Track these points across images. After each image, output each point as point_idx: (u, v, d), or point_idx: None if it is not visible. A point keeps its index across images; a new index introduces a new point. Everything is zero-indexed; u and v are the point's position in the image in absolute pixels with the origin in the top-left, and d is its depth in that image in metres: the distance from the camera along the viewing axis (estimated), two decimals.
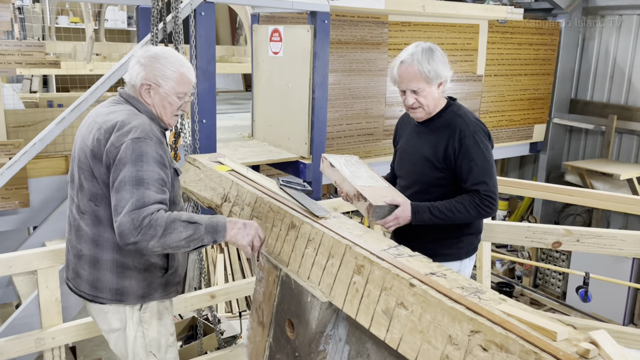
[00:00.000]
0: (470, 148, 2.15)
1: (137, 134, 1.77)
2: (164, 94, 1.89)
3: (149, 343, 2.02)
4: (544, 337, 1.15)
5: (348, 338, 1.68)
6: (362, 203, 2.11)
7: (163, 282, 2.01)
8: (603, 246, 2.25)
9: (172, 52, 1.94)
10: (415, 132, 2.34)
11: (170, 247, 1.75)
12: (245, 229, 1.83)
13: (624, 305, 5.54)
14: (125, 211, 1.70)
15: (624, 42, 6.09)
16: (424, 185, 2.26)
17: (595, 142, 6.45)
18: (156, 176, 1.76)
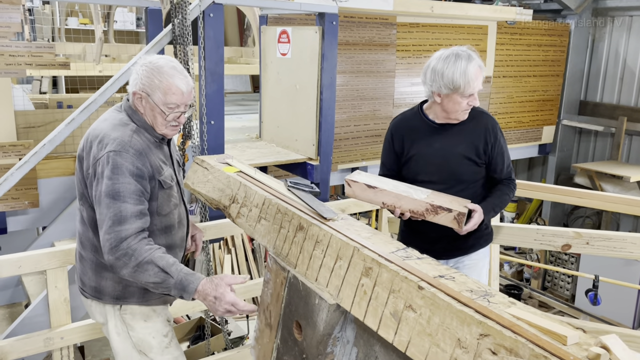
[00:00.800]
0: (501, 141, 2.33)
1: (114, 147, 1.80)
2: (153, 104, 1.90)
3: (137, 343, 2.02)
4: (554, 341, 1.14)
5: (356, 340, 1.67)
6: (442, 215, 2.07)
7: (141, 287, 1.98)
8: (613, 249, 2.23)
9: (169, 63, 1.92)
10: (437, 134, 2.34)
11: (141, 284, 1.81)
12: (215, 303, 1.76)
13: (634, 308, 5.49)
14: (105, 228, 1.76)
15: (634, 43, 6.04)
16: (463, 184, 2.31)
17: (605, 144, 6.41)
18: (132, 188, 1.79)
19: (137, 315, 2.01)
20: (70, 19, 7.09)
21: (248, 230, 2.16)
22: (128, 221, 1.77)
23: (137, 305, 2.00)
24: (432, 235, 2.37)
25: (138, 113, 1.93)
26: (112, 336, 2.03)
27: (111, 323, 2.02)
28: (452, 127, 2.32)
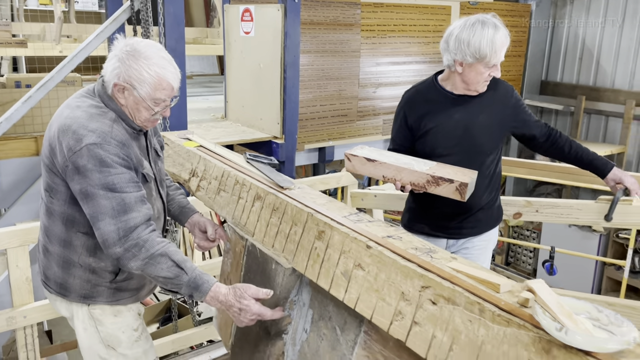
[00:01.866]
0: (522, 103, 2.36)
1: (93, 139, 1.64)
2: (139, 98, 1.71)
3: (105, 338, 1.92)
4: (489, 289, 1.21)
5: (311, 302, 1.73)
6: (444, 186, 2.00)
7: (112, 287, 1.88)
8: (560, 215, 2.34)
9: (157, 51, 1.72)
10: (457, 106, 2.26)
11: (149, 277, 1.69)
12: (240, 315, 1.67)
13: (592, 279, 5.73)
14: (108, 219, 1.64)
15: (592, 24, 6.21)
16: (484, 155, 2.28)
17: (565, 122, 6.60)
18: (127, 177, 1.67)
19: (107, 311, 1.91)
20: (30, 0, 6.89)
21: (207, 203, 2.19)
22: (134, 209, 1.66)
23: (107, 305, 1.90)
24: (446, 211, 2.33)
25: (114, 102, 1.75)
26: (78, 331, 1.93)
27: (78, 319, 1.91)
28: (471, 97, 2.25)
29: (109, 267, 1.85)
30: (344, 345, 1.58)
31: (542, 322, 1.02)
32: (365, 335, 1.51)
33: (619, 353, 0.99)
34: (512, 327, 1.09)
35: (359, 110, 5.20)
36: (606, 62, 6.15)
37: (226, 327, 2.17)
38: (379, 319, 1.37)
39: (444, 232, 2.40)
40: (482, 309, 1.15)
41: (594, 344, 0.97)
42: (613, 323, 1.04)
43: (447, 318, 1.21)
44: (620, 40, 5.99)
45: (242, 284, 1.69)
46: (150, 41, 1.77)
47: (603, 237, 5.70)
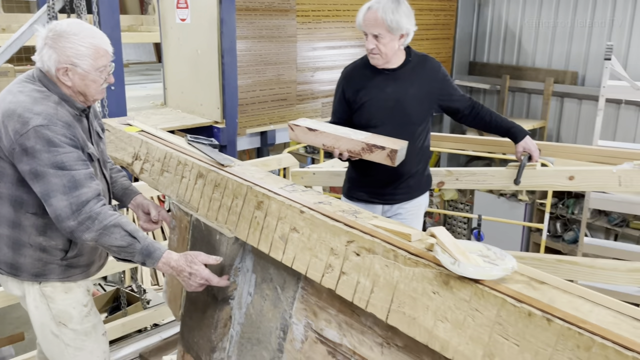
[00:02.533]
0: (448, 78, 2.59)
1: (40, 121, 1.71)
2: (84, 73, 1.79)
3: (57, 315, 1.99)
4: (402, 239, 1.42)
5: (254, 268, 1.90)
6: (377, 153, 2.19)
7: (63, 264, 1.95)
8: (477, 182, 2.61)
9: (78, 24, 1.80)
10: (390, 80, 2.46)
11: (103, 247, 1.78)
12: (190, 279, 1.77)
13: (520, 243, 6.20)
14: (60, 195, 1.71)
15: (513, 7, 6.62)
16: (413, 125, 2.49)
17: (493, 100, 7.02)
18: (75, 155, 1.75)
19: (57, 288, 1.98)
20: None
21: (152, 184, 2.30)
22: (84, 184, 1.74)
23: (58, 282, 1.97)
24: (381, 178, 2.52)
25: (55, 84, 1.82)
26: (30, 309, 2.00)
27: (30, 297, 1.98)
28: (402, 72, 2.46)
29: (59, 245, 1.93)
30: (285, 302, 1.76)
31: (441, 259, 1.24)
32: (303, 290, 1.69)
33: (501, 279, 1.22)
34: (419, 267, 1.30)
35: (298, 94, 5.36)
36: (527, 43, 6.59)
37: (175, 299, 2.31)
38: (313, 273, 1.56)
39: (380, 198, 2.62)
40: (396, 255, 1.36)
41: (481, 273, 1.19)
42: (499, 257, 1.27)
43: (369, 266, 1.41)
44: (539, 22, 6.43)
45: (193, 251, 1.82)
46: (68, 19, 1.85)
47: (528, 206, 6.18)
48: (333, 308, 1.59)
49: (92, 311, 2.10)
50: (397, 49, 2.41)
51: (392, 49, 2.38)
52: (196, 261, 1.77)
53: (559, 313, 1.09)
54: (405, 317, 1.31)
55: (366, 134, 2.32)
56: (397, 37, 2.36)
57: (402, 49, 2.48)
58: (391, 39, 2.35)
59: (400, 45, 2.41)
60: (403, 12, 2.34)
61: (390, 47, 2.37)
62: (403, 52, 2.49)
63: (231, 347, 1.99)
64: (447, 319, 1.23)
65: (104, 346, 2.13)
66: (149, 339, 3.30)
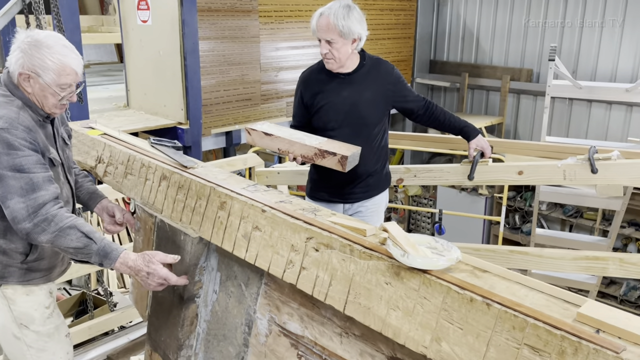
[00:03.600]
0: (402, 78, 2.65)
1: (1, 124, 1.74)
2: (44, 85, 1.81)
3: (18, 316, 2.00)
4: (358, 234, 1.51)
5: (219, 266, 1.96)
6: (329, 159, 2.26)
7: (23, 267, 1.97)
8: (434, 178, 2.72)
9: (57, 39, 1.83)
10: (345, 84, 2.53)
11: (60, 249, 1.80)
12: (148, 278, 1.79)
13: (481, 236, 6.41)
14: (17, 198, 1.73)
15: (471, 7, 6.82)
16: (369, 128, 2.57)
17: (453, 98, 7.22)
18: (34, 159, 1.78)
19: (18, 291, 1.99)
20: None
21: (116, 187, 2.33)
22: (42, 187, 1.76)
23: (19, 285, 1.99)
24: (341, 178, 2.55)
25: (20, 90, 1.85)
26: None
27: None
28: (357, 76, 2.53)
29: (19, 249, 1.94)
30: (249, 298, 1.83)
31: (392, 252, 1.33)
32: (266, 286, 1.76)
33: (447, 269, 1.31)
34: (373, 260, 1.39)
35: (262, 94, 5.40)
36: (484, 42, 6.80)
37: (142, 300, 2.34)
38: (275, 269, 1.63)
39: (340, 197, 2.71)
40: (352, 250, 1.44)
41: (428, 263, 1.29)
42: (445, 249, 1.37)
43: (327, 260, 1.49)
44: (495, 21, 6.64)
45: (150, 251, 1.84)
46: (50, 32, 1.88)
47: (488, 200, 6.39)
48: (295, 302, 1.66)
49: (55, 313, 2.11)
50: (351, 53, 2.48)
51: (345, 53, 2.45)
52: (154, 260, 1.79)
53: (497, 298, 1.19)
54: (361, 308, 1.39)
55: (320, 140, 2.40)
56: (349, 42, 2.43)
57: (357, 53, 2.55)
58: (343, 43, 2.42)
59: (354, 49, 2.49)
60: (354, 18, 2.42)
61: (343, 52, 2.44)
62: (357, 55, 2.56)
63: (198, 344, 2.04)
64: (398, 308, 1.32)
65: (67, 347, 2.15)
66: (116, 340, 3.32)
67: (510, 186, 6.15)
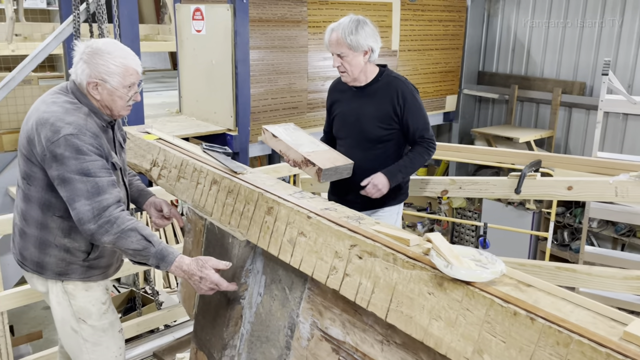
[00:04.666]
0: (412, 105, 2.56)
1: (70, 130, 1.84)
2: (112, 89, 1.93)
3: (77, 311, 2.12)
4: (401, 243, 1.53)
5: (264, 269, 2.02)
6: (310, 168, 2.38)
7: (85, 265, 2.08)
8: (480, 191, 2.71)
9: (113, 44, 1.96)
10: (357, 97, 2.64)
11: (120, 250, 1.91)
12: (200, 283, 1.88)
13: (527, 252, 6.25)
14: (83, 200, 1.84)
15: (522, 18, 6.71)
16: (370, 143, 2.62)
17: (501, 110, 7.10)
18: (100, 164, 1.89)
19: (78, 286, 2.11)
20: None
21: (169, 189, 2.43)
22: (106, 191, 1.87)
23: (79, 281, 2.10)
24: (343, 187, 2.67)
25: (86, 97, 1.96)
26: (52, 305, 2.14)
27: (52, 294, 2.12)
28: (367, 91, 2.60)
29: (82, 247, 2.07)
30: (292, 302, 1.88)
31: (436, 263, 1.35)
32: (309, 291, 1.81)
33: (490, 282, 1.32)
34: (416, 270, 1.41)
35: (308, 103, 5.48)
36: (536, 53, 6.67)
37: (189, 299, 2.43)
38: (318, 275, 1.67)
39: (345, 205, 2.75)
40: (395, 258, 1.47)
41: (472, 275, 1.30)
42: (490, 262, 1.38)
43: (370, 268, 1.52)
44: (547, 32, 6.50)
45: (204, 256, 1.93)
46: (105, 39, 2.01)
47: (535, 215, 6.23)
48: (337, 308, 1.70)
49: (110, 309, 2.22)
50: (365, 65, 2.55)
51: (357, 65, 2.53)
52: (207, 266, 1.88)
53: (542, 313, 1.19)
54: (403, 316, 1.42)
55: (316, 148, 2.54)
56: (360, 54, 2.51)
57: (375, 67, 2.62)
58: (354, 56, 2.51)
59: (367, 61, 2.55)
60: (364, 31, 2.50)
61: (354, 64, 2.52)
62: (375, 70, 2.62)
63: (242, 345, 2.10)
64: (440, 318, 1.33)
65: (120, 342, 2.25)
66: (162, 338, 3.43)
67: (560, 202, 5.99)
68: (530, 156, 3.38)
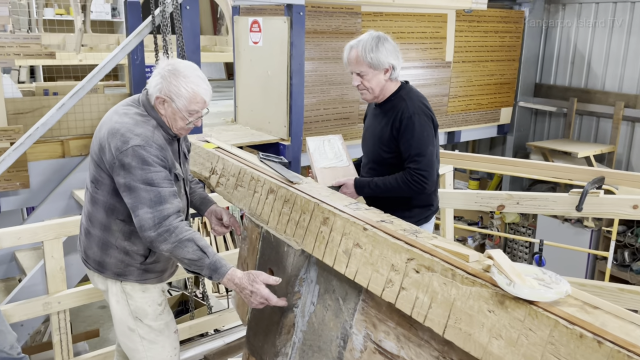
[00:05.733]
0: (407, 128, 2.39)
1: (138, 141, 1.95)
2: (176, 109, 2.02)
3: (134, 310, 2.21)
4: (460, 259, 1.51)
5: (318, 279, 2.03)
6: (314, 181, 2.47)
7: (142, 268, 2.17)
8: (538, 207, 2.63)
9: (194, 70, 2.05)
10: (374, 114, 2.62)
11: (176, 258, 1.99)
12: (251, 296, 1.93)
13: (585, 271, 6.01)
14: (146, 208, 1.93)
15: (583, 30, 6.50)
16: (376, 163, 2.59)
17: (559, 123, 6.88)
18: (163, 175, 1.99)
19: (136, 287, 2.22)
20: (47, 10, 7.22)
21: (226, 197, 2.50)
22: (168, 201, 1.96)
23: (136, 283, 2.21)
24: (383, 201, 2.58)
25: (155, 111, 2.07)
26: (111, 303, 2.25)
27: (111, 292, 2.23)
28: (382, 109, 2.53)
29: (140, 251, 2.17)
30: (346, 313, 1.88)
31: (497, 280, 1.32)
32: (363, 303, 1.81)
33: (555, 302, 1.28)
34: (476, 287, 1.39)
35: (360, 114, 5.49)
36: (597, 66, 6.43)
37: (243, 305, 2.47)
38: (374, 287, 1.67)
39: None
40: (454, 274, 1.45)
41: (535, 294, 1.27)
42: (554, 281, 1.34)
43: (427, 283, 1.51)
44: (610, 44, 6.27)
45: (255, 271, 1.98)
46: (188, 62, 2.11)
47: (594, 233, 5.98)
48: (392, 321, 1.69)
49: (166, 310, 2.31)
50: (385, 83, 2.45)
51: (377, 84, 2.44)
52: (258, 280, 1.93)
53: (609, 336, 1.15)
54: (461, 333, 1.39)
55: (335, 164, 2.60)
56: (380, 72, 2.41)
57: (395, 84, 2.50)
58: (374, 74, 2.41)
59: (387, 79, 2.45)
60: (384, 48, 2.40)
61: (375, 83, 2.43)
62: (394, 87, 2.50)
63: (293, 353, 2.12)
64: (501, 337, 1.31)
65: (175, 343, 2.33)
66: (213, 342, 3.51)
67: (621, 220, 5.72)
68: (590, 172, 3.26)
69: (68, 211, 3.87)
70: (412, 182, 2.38)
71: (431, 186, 2.45)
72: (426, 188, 2.41)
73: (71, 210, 3.88)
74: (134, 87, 3.83)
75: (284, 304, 1.99)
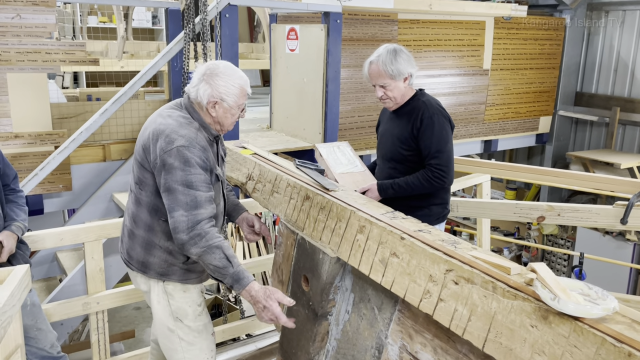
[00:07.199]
0: (428, 127, 2.56)
1: (183, 142, 2.00)
2: (228, 107, 2.11)
3: (175, 310, 2.25)
4: (501, 271, 1.48)
5: (353, 287, 2.02)
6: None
7: (184, 268, 2.21)
8: (580, 219, 2.55)
9: (231, 68, 2.13)
10: (390, 119, 2.76)
11: (203, 263, 2.03)
12: (263, 311, 1.95)
13: (627, 285, 5.80)
14: (181, 211, 1.98)
15: (627, 37, 6.31)
16: (395, 162, 2.71)
17: (600, 133, 6.68)
18: (202, 178, 2.03)
19: (177, 287, 2.26)
20: (90, 18, 7.46)
21: (262, 203, 2.51)
22: (203, 206, 2.00)
23: (178, 283, 2.25)
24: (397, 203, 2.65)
25: (198, 112, 2.13)
26: (153, 304, 2.29)
27: (154, 293, 2.27)
28: (399, 113, 2.69)
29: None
30: (381, 323, 1.86)
31: (540, 294, 1.29)
32: (399, 313, 1.78)
33: (601, 318, 1.24)
34: (518, 300, 1.36)
35: None
36: None
37: None
38: (411, 297, 1.65)
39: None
40: (494, 287, 1.42)
41: (581, 310, 1.23)
42: (600, 297, 1.29)
43: (467, 295, 1.48)
44: None
45: (272, 287, 2.00)
46: (222, 62, 2.18)
47: (637, 247, 5.77)
48: (429, 332, 1.66)
49: (204, 311, 2.34)
50: (405, 90, 2.62)
51: (399, 92, 2.60)
52: (272, 297, 1.95)
53: None
54: (502, 347, 1.36)
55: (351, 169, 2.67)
56: (401, 81, 2.58)
57: (411, 91, 2.67)
58: (396, 84, 2.57)
59: (406, 85, 2.61)
60: (402, 59, 2.55)
61: (397, 92, 2.60)
62: (411, 93, 2.66)
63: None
64: (544, 353, 1.27)
65: (212, 345, 2.36)
66: (245, 347, 3.52)
67: None
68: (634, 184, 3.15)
69: (108, 214, 3.96)
70: (433, 178, 2.54)
71: (450, 181, 2.60)
72: (445, 183, 2.57)
73: (111, 212, 3.98)
74: (173, 93, 3.91)
75: (292, 325, 2.01)
